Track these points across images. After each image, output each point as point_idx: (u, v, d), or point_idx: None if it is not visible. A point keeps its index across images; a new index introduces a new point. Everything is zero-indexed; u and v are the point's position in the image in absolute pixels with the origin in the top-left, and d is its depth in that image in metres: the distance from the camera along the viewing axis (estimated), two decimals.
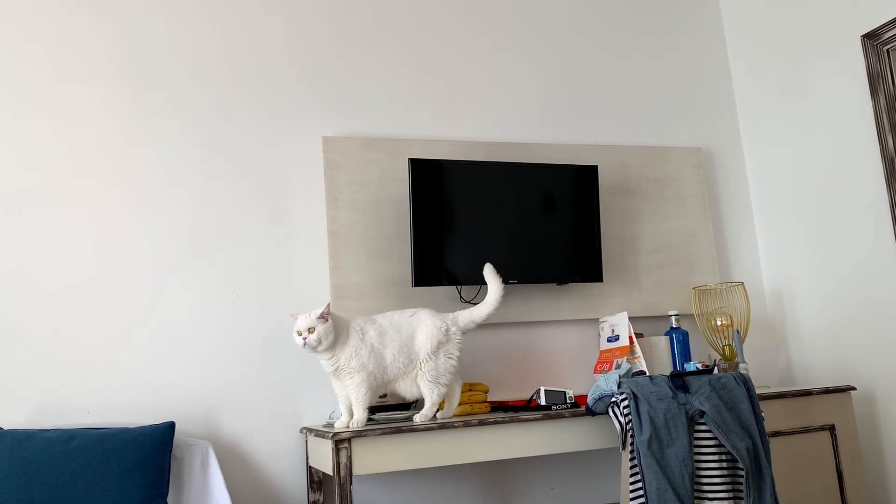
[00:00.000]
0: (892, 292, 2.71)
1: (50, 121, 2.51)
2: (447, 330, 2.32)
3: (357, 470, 2.09)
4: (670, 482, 2.09)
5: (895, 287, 2.70)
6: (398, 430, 2.13)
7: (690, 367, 2.69)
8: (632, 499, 2.14)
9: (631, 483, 2.15)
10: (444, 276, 2.66)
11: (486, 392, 2.55)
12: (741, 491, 2.15)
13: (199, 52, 2.71)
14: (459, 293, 2.79)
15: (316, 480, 2.51)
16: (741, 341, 2.80)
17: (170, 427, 2.25)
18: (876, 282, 2.77)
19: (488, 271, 2.41)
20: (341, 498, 2.05)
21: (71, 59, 2.57)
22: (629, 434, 2.18)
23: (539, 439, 2.28)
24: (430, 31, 3.01)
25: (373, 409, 2.40)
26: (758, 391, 2.62)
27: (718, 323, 2.87)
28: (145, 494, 2.11)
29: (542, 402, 2.41)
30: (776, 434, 2.50)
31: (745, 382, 2.28)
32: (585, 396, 2.56)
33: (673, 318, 2.90)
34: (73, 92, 2.55)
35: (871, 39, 2.74)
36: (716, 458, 2.17)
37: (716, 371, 2.46)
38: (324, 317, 2.17)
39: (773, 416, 2.51)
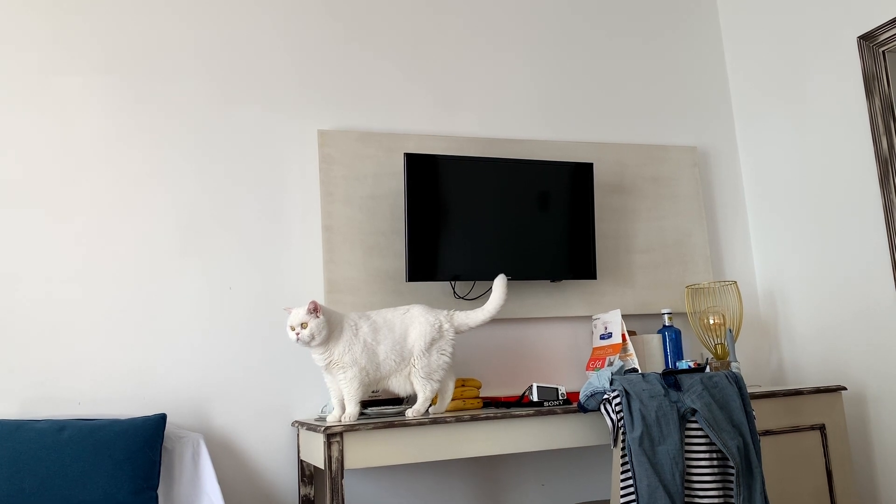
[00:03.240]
0: (883, 293, 2.72)
1: (43, 114, 2.50)
2: (440, 326, 2.31)
3: (348, 464, 2.10)
4: (661, 480, 2.10)
5: (887, 288, 2.71)
6: (390, 425, 2.13)
7: (683, 365, 2.69)
8: (623, 496, 2.14)
9: (622, 480, 2.16)
10: (439, 272, 2.66)
11: (479, 388, 2.56)
12: (731, 489, 2.16)
13: (194, 45, 2.70)
14: (454, 289, 2.79)
15: (307, 474, 2.51)
16: (733, 340, 2.81)
17: (161, 419, 2.24)
18: (868, 283, 2.78)
19: (499, 282, 2.40)
20: (332, 492, 2.05)
21: (63, 53, 2.55)
22: (621, 431, 2.18)
23: (531, 435, 2.29)
24: (427, 26, 3.01)
25: (365, 404, 2.40)
26: (749, 390, 2.63)
27: (711, 322, 2.88)
28: (136, 486, 2.10)
29: (535, 398, 2.41)
30: (767, 433, 2.51)
31: (737, 381, 2.29)
32: (577, 393, 2.56)
33: (666, 316, 2.90)
34: (65, 85, 2.54)
35: (867, 41, 2.75)
36: (707, 456, 2.18)
37: (708, 370, 2.47)
38: (315, 312, 2.17)
39: (764, 415, 2.52)
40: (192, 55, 2.69)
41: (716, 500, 2.14)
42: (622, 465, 2.17)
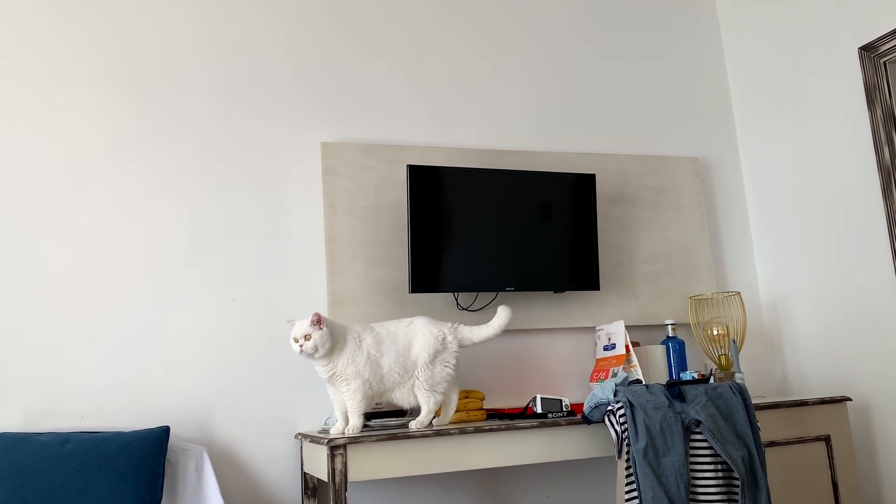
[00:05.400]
0: (887, 303, 2.72)
1: (47, 125, 2.51)
2: (444, 338, 2.31)
3: (352, 476, 2.09)
4: (666, 491, 2.09)
5: (891, 298, 2.70)
6: (394, 437, 2.12)
7: (687, 376, 2.69)
8: None
9: (627, 492, 2.15)
10: (442, 283, 2.66)
11: (483, 399, 2.55)
12: (736, 501, 2.15)
13: (198, 57, 2.71)
14: (456, 300, 2.79)
15: (310, 486, 2.50)
16: (737, 351, 2.81)
17: (164, 431, 2.24)
18: (872, 292, 2.77)
19: (501, 311, 2.39)
20: None
21: (68, 64, 2.57)
22: (625, 443, 2.18)
23: (535, 447, 2.28)
24: (429, 39, 3.02)
25: (368, 416, 2.39)
26: (753, 401, 2.62)
27: (715, 332, 2.87)
28: (139, 499, 2.10)
29: (539, 409, 2.41)
30: (772, 444, 2.50)
31: (741, 392, 2.29)
32: (582, 405, 2.55)
33: (669, 327, 2.90)
34: (70, 97, 2.55)
35: (869, 52, 2.75)
36: (711, 467, 2.17)
37: (712, 380, 2.46)
38: (319, 324, 2.17)
39: (769, 426, 2.51)
40: (196, 68, 2.70)
41: None
42: (627, 476, 2.16)
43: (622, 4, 3.35)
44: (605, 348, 2.77)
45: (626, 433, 2.17)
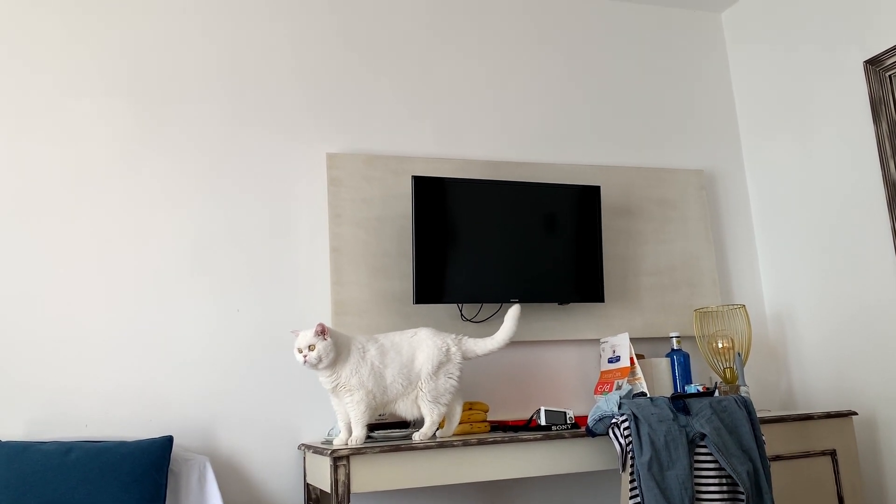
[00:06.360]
0: (893, 317, 2.71)
1: (55, 133, 2.53)
2: (448, 350, 2.31)
3: (355, 487, 2.08)
4: None
5: None
6: (397, 449, 2.12)
7: (691, 389, 2.68)
8: None
9: None
10: (446, 294, 2.66)
11: (486, 411, 2.54)
12: None
13: (205, 69, 2.73)
14: (460, 311, 2.79)
15: (313, 497, 2.49)
16: (742, 364, 2.80)
17: (168, 441, 2.24)
18: (877, 306, 2.76)
19: (511, 313, 2.38)
20: None
21: (76, 74, 2.59)
22: (629, 456, 2.17)
23: (538, 460, 2.27)
24: (434, 51, 3.03)
25: (372, 427, 2.39)
26: (759, 414, 2.61)
27: (720, 345, 2.86)
28: None
29: (543, 422, 2.40)
30: (777, 458, 2.49)
31: (746, 405, 2.28)
32: (586, 417, 2.55)
33: (674, 339, 2.89)
34: (77, 106, 2.57)
35: (874, 65, 2.76)
36: (716, 481, 2.16)
37: (717, 393, 2.45)
38: (323, 334, 2.17)
39: (774, 440, 2.50)
40: (203, 79, 2.72)
41: None
42: (631, 489, 2.15)
43: (627, 18, 3.36)
44: (610, 361, 2.76)
45: (631, 446, 2.16)
